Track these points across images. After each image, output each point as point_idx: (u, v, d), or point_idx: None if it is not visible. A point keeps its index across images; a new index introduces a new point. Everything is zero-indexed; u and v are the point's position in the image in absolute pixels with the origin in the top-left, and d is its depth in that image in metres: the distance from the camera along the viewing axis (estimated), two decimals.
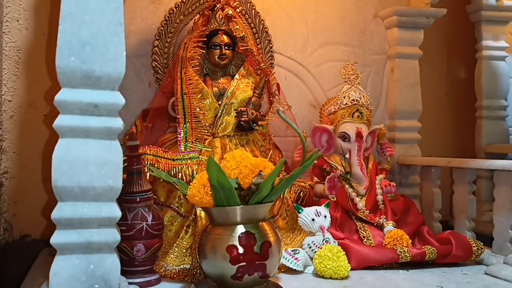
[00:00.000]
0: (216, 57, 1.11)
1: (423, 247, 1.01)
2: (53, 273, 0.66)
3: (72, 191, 0.65)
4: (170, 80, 1.12)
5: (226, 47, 1.12)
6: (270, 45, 1.25)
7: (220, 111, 1.08)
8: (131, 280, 0.81)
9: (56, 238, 0.66)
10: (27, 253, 1.08)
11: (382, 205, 1.13)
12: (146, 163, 0.96)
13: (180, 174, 0.98)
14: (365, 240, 1.06)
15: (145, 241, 0.85)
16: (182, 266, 0.92)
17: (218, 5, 1.12)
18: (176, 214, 0.99)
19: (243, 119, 1.08)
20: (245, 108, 1.09)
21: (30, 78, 1.14)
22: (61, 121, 0.66)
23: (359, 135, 1.17)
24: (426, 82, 1.45)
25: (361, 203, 1.12)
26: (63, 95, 0.66)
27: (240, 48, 1.13)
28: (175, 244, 0.96)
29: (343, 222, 1.10)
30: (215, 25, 1.12)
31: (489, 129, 1.50)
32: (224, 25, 1.12)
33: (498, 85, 1.51)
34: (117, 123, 0.68)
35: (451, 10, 1.42)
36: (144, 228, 0.85)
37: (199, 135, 1.04)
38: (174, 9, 1.17)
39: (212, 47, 1.12)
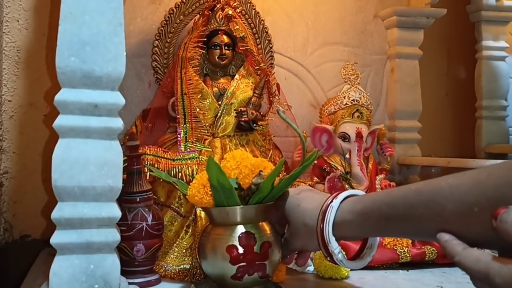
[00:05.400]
0: (216, 57, 1.11)
1: (423, 247, 1.01)
2: (53, 273, 0.65)
3: (72, 191, 0.65)
4: (170, 80, 1.12)
5: (226, 47, 1.11)
6: (270, 45, 1.25)
7: (220, 111, 1.08)
8: (131, 280, 0.81)
9: (56, 238, 0.66)
10: (27, 253, 1.08)
11: None
12: (146, 163, 0.95)
13: (180, 174, 0.98)
14: None
15: (145, 241, 0.85)
16: (182, 266, 0.92)
17: (218, 5, 1.12)
18: (176, 214, 0.99)
19: (243, 119, 1.08)
20: (245, 108, 1.09)
21: (30, 78, 1.14)
22: (61, 121, 0.66)
23: (359, 135, 1.17)
24: (426, 82, 1.45)
25: None
26: (63, 95, 0.66)
27: (240, 48, 1.13)
28: (175, 244, 0.96)
29: None
30: (215, 25, 1.12)
31: (489, 129, 1.50)
32: (224, 25, 1.12)
33: (498, 85, 1.51)
34: (117, 123, 0.68)
35: (451, 10, 1.42)
36: (144, 228, 0.85)
37: (199, 135, 1.04)
38: (174, 9, 1.17)
39: (212, 47, 1.11)
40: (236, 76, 1.12)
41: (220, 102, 1.08)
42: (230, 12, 1.11)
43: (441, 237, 0.53)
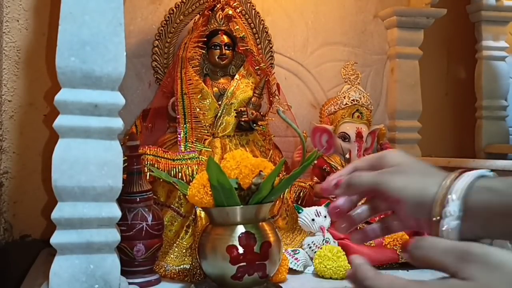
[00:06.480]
0: (216, 57, 1.11)
1: None
2: (53, 273, 0.66)
3: (72, 191, 0.65)
4: (170, 80, 1.12)
5: (226, 47, 1.11)
6: (270, 45, 1.25)
7: (220, 111, 1.08)
8: (131, 280, 0.81)
9: (56, 238, 0.66)
10: (27, 253, 1.08)
11: None
12: (146, 163, 0.95)
13: (180, 174, 0.98)
14: None
15: (145, 241, 0.85)
16: (182, 266, 0.92)
17: (218, 5, 1.12)
18: (176, 214, 0.99)
19: (243, 119, 1.08)
20: (245, 108, 1.09)
21: (30, 78, 1.14)
22: (61, 121, 0.66)
23: (359, 135, 1.17)
24: (426, 82, 1.45)
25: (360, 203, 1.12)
26: (63, 95, 0.66)
27: (240, 48, 1.13)
28: (175, 244, 0.96)
29: None
30: (215, 25, 1.12)
31: (489, 129, 1.50)
32: (224, 25, 1.12)
33: (498, 85, 1.51)
34: (117, 123, 0.68)
35: (451, 10, 1.41)
36: (144, 228, 0.85)
37: (199, 135, 1.04)
38: (174, 9, 1.17)
39: (212, 47, 1.11)
40: (236, 76, 1.12)
41: (220, 102, 1.08)
42: (230, 12, 1.11)
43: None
